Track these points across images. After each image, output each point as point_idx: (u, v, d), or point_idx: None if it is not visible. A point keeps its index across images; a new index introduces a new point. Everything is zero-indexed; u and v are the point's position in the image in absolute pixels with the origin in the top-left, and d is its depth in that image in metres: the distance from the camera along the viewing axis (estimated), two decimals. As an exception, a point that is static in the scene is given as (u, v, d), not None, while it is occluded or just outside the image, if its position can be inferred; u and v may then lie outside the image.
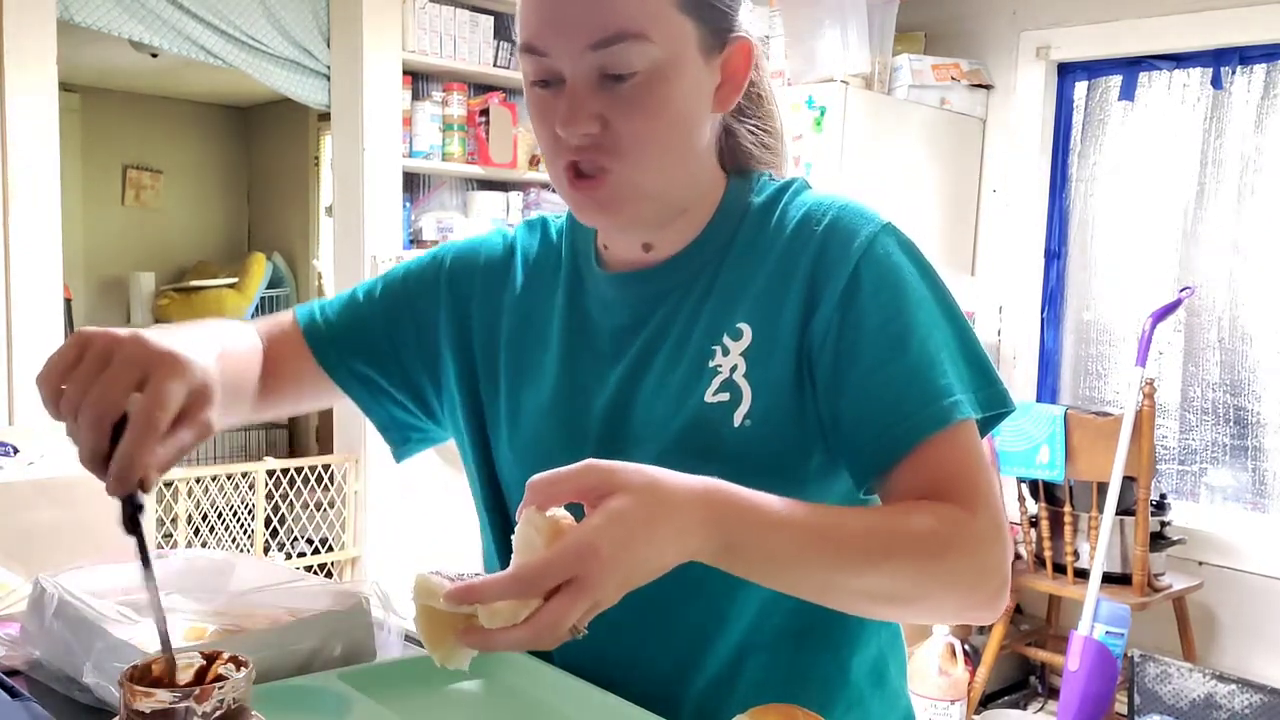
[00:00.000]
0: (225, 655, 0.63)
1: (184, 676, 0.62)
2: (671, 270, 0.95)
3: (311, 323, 1.07)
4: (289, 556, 3.42)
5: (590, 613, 0.68)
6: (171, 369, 0.71)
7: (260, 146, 6.07)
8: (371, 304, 1.07)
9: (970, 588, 0.82)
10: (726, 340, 0.90)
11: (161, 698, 0.58)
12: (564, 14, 0.83)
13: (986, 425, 0.88)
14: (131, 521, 0.70)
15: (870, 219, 0.90)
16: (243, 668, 0.62)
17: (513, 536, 0.70)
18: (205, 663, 0.63)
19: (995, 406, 0.87)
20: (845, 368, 0.86)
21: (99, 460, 0.70)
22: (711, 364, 0.90)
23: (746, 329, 0.90)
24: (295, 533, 3.48)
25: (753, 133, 0.98)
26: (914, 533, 0.79)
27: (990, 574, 0.82)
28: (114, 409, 0.70)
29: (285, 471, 3.26)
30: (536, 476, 0.70)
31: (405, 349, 1.05)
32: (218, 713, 0.59)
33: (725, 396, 0.89)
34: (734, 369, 0.89)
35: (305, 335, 1.06)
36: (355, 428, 3.36)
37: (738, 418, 0.88)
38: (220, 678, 0.62)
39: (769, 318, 0.89)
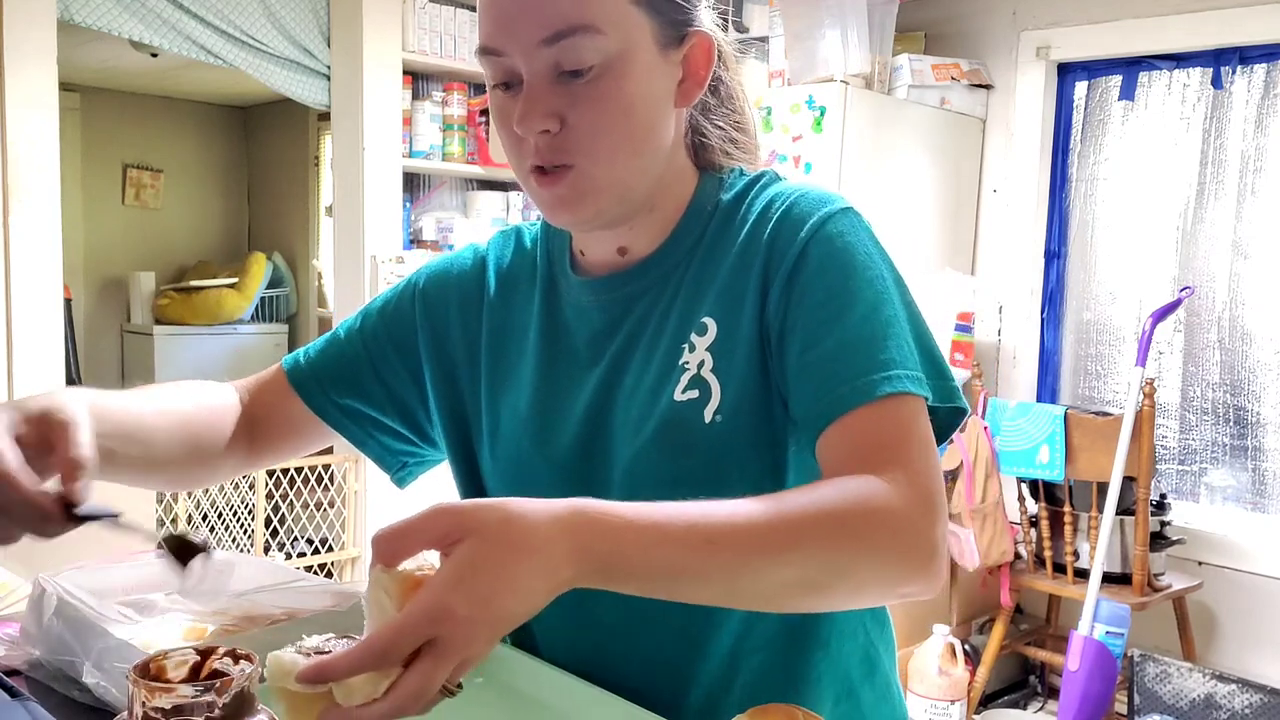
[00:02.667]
0: (220, 650, 0.63)
1: (179, 673, 0.62)
2: (644, 271, 0.95)
3: (295, 367, 1.08)
4: (289, 556, 3.41)
5: (462, 669, 0.62)
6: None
7: (260, 146, 6.07)
8: (352, 338, 1.08)
9: (890, 561, 0.76)
10: (694, 337, 0.90)
11: (184, 692, 0.58)
12: (516, 11, 0.83)
13: (940, 427, 0.85)
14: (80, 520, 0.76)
15: (828, 202, 0.89)
16: (241, 661, 0.62)
17: (361, 600, 0.66)
18: (200, 658, 0.63)
19: (943, 399, 0.84)
20: (787, 343, 0.86)
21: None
22: (681, 362, 0.90)
23: (711, 324, 0.90)
24: (295, 533, 3.48)
25: (720, 128, 0.98)
26: (819, 514, 0.73)
27: (913, 546, 0.76)
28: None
29: (285, 471, 3.26)
30: (380, 530, 0.64)
31: (391, 375, 1.06)
32: (231, 704, 0.59)
33: (695, 394, 0.89)
34: (701, 365, 0.89)
35: (290, 379, 1.07)
36: (355, 428, 3.35)
37: (708, 413, 0.88)
38: (218, 673, 0.62)
39: (731, 310, 0.89)
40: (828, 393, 0.82)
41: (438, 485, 1.10)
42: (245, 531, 3.21)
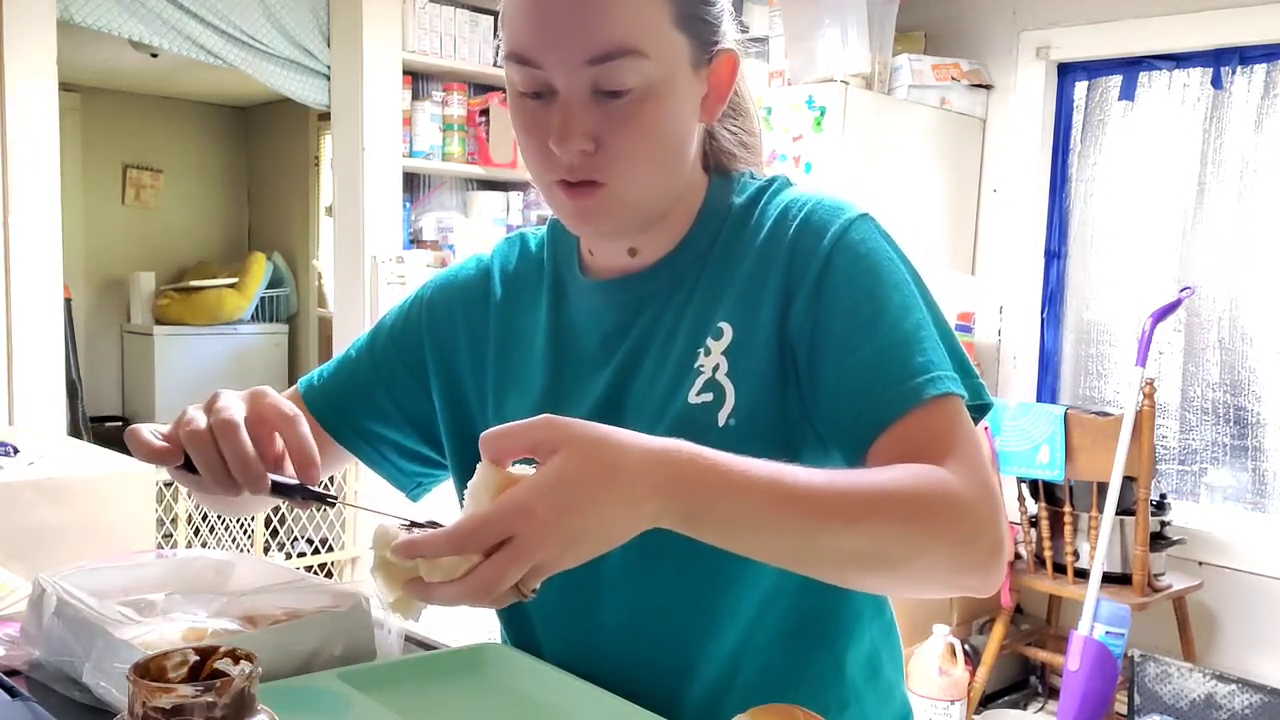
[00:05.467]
0: (220, 650, 0.63)
1: (179, 673, 0.62)
2: (656, 274, 0.95)
3: (310, 389, 1.09)
4: (289, 556, 3.41)
5: (536, 575, 0.66)
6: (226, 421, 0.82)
7: (260, 146, 6.08)
8: (362, 358, 1.09)
9: (958, 547, 0.77)
10: (709, 341, 0.90)
11: (184, 692, 0.58)
12: (561, 28, 0.82)
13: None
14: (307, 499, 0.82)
15: (846, 210, 0.90)
16: (241, 661, 0.62)
17: (465, 488, 0.70)
18: (200, 658, 0.63)
19: (975, 397, 0.86)
20: (820, 354, 0.86)
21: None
22: (696, 365, 0.90)
23: (727, 328, 0.90)
24: (295, 533, 3.48)
25: (732, 133, 0.99)
26: (894, 490, 0.75)
27: (979, 533, 0.78)
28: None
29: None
30: (490, 430, 0.68)
31: (402, 392, 1.07)
32: (231, 704, 0.58)
33: (709, 397, 0.89)
34: (716, 368, 0.89)
35: (305, 401, 1.08)
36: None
37: (722, 417, 0.88)
38: (218, 673, 0.61)
39: (748, 315, 0.90)
40: (873, 400, 0.82)
41: (447, 490, 1.10)
42: (245, 531, 3.21)
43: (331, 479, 3.29)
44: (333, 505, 0.83)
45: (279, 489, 0.81)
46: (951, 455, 0.79)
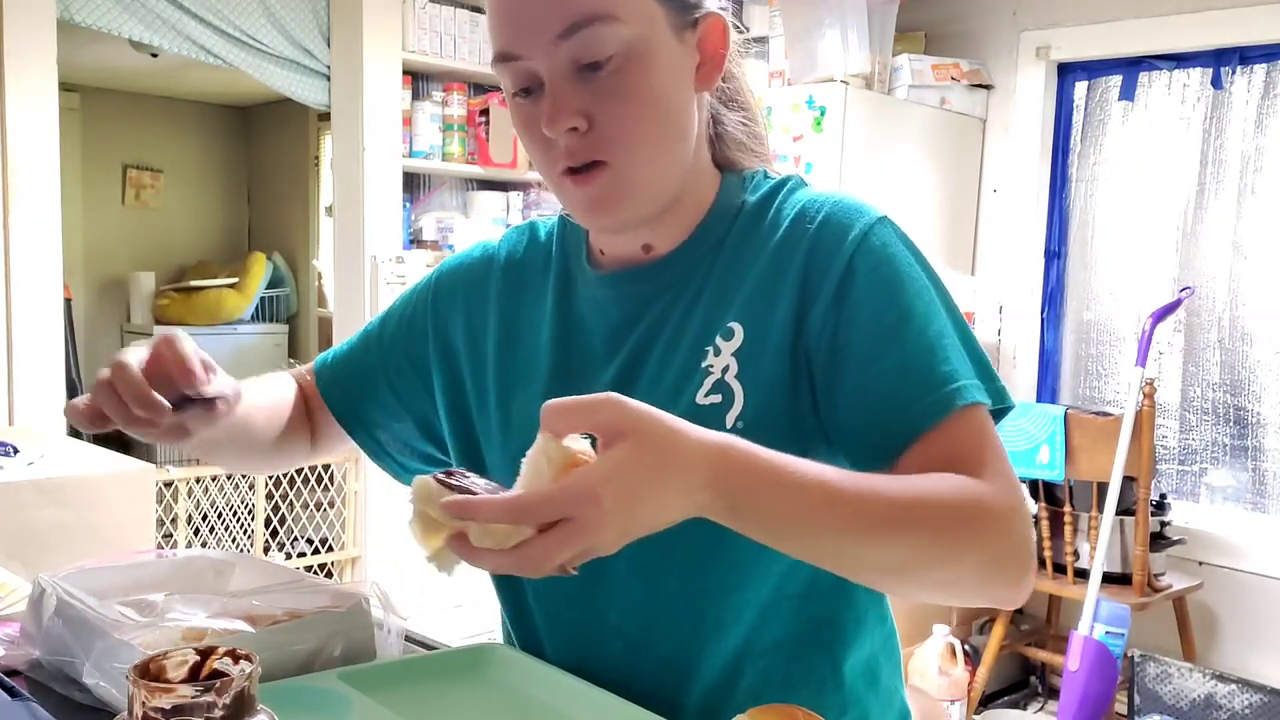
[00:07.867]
0: (220, 650, 0.63)
1: (179, 673, 0.62)
2: (664, 268, 0.94)
3: (323, 366, 1.11)
4: (289, 556, 3.41)
5: (583, 556, 0.67)
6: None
7: (260, 146, 6.07)
8: (370, 345, 1.10)
9: (995, 564, 0.78)
10: (719, 340, 0.89)
11: (184, 692, 0.58)
12: (528, 10, 0.83)
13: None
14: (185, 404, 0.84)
15: (865, 212, 0.89)
16: (241, 661, 0.62)
17: (524, 457, 0.69)
18: (200, 658, 0.63)
19: (998, 401, 0.85)
20: (841, 363, 0.85)
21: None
22: (704, 365, 0.89)
23: (738, 328, 0.89)
24: (295, 533, 3.48)
25: (744, 124, 0.98)
26: (936, 501, 0.75)
27: (1014, 547, 0.78)
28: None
29: (285, 472, 3.26)
30: (552, 401, 0.68)
31: (405, 386, 1.07)
32: (231, 704, 0.59)
33: (717, 398, 0.88)
34: (726, 369, 0.88)
35: (317, 383, 1.10)
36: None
37: (730, 419, 0.87)
38: (218, 673, 0.61)
39: (761, 317, 0.89)
40: (902, 410, 0.82)
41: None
42: (245, 531, 3.21)
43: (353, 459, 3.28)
44: (213, 404, 0.85)
45: (179, 406, 0.84)
46: (986, 468, 0.79)
